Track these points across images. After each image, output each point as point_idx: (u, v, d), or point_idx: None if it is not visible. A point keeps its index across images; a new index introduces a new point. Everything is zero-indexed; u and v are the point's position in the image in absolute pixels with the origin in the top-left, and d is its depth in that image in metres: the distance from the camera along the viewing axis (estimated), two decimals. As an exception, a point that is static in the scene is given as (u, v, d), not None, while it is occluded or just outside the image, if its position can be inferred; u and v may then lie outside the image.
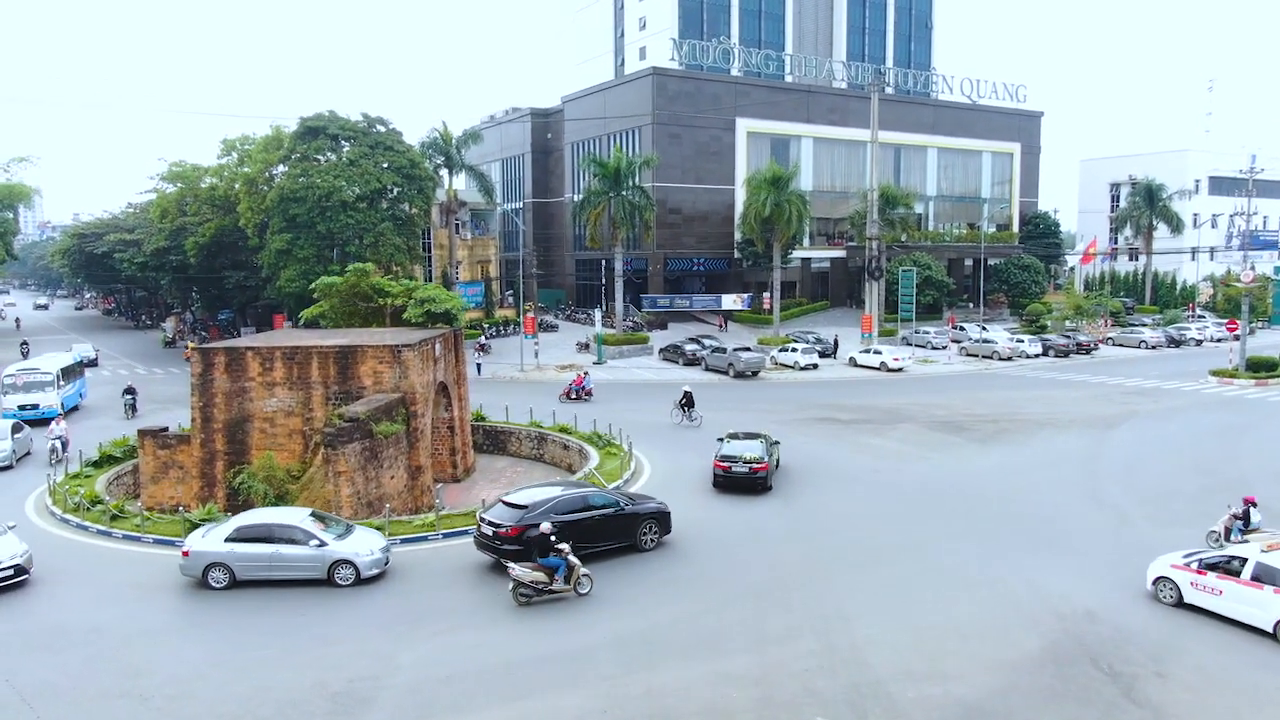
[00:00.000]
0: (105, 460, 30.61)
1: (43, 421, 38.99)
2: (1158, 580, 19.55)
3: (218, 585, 20.03)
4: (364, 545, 20.80)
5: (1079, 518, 25.18)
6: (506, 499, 22.05)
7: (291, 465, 26.76)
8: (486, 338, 70.65)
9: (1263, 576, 17.80)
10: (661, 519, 23.08)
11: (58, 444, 32.45)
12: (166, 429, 28.98)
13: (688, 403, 38.52)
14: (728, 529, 24.32)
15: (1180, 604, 18.95)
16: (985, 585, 20.23)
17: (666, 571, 21.22)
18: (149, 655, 16.98)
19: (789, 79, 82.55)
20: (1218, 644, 17.27)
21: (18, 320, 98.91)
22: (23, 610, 19.18)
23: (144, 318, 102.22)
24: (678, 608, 19.19)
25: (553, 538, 19.77)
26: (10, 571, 19.83)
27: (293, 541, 20.42)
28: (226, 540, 20.31)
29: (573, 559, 19.57)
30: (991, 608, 18.99)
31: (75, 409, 44.07)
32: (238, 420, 27.26)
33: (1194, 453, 32.91)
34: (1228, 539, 22.28)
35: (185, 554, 20.31)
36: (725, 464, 28.49)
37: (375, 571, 20.65)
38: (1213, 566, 18.74)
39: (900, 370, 56.69)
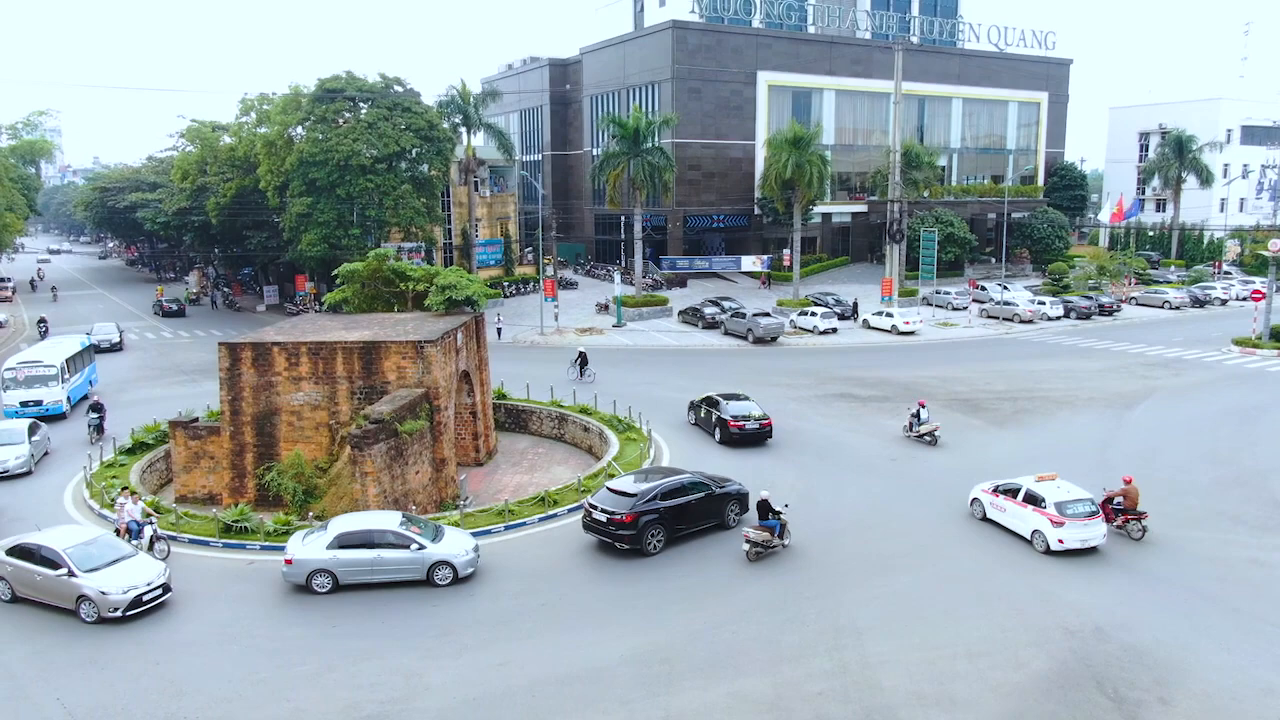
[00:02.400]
0: (138, 447, 31.36)
1: (48, 418, 36.50)
2: (973, 501, 25.55)
3: (321, 590, 21.06)
4: (458, 546, 21.91)
5: (1092, 517, 25.46)
6: (612, 487, 23.99)
7: (319, 458, 27.45)
8: (506, 296, 71.13)
9: (1030, 499, 23.54)
10: (741, 499, 25.34)
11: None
12: (197, 420, 29.65)
13: (583, 362, 44.54)
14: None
15: (984, 519, 24.98)
16: (996, 597, 20.67)
17: (681, 580, 21.76)
18: (190, 671, 17.77)
19: (811, 30, 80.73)
20: (1223, 667, 17.64)
21: (54, 289, 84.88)
22: (64, 618, 20.00)
23: (167, 271, 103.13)
24: (695, 620, 19.76)
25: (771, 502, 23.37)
26: (159, 591, 20.35)
27: (393, 546, 21.39)
28: (328, 548, 21.19)
29: (784, 517, 23.20)
30: (1001, 622, 19.44)
31: (85, 398, 40.83)
32: (265, 413, 27.87)
33: (1211, 439, 32.97)
34: (910, 430, 32.68)
35: (288, 562, 21.24)
36: (739, 422, 32.31)
37: (470, 570, 21.74)
38: (1003, 491, 24.51)
39: (912, 334, 56.69)
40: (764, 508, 23.07)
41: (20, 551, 20.67)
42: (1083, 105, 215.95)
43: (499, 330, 57.01)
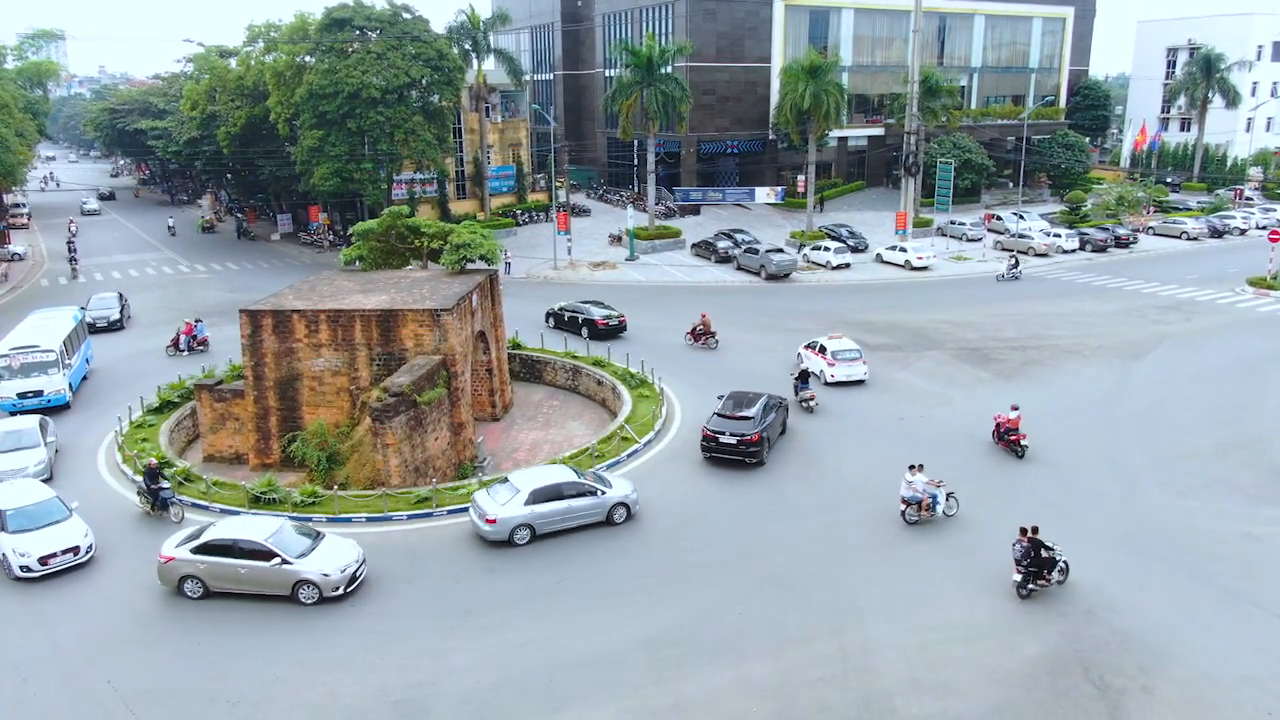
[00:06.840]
0: (165, 405, 32.23)
1: (50, 411, 32.26)
2: (798, 355, 35.92)
3: (522, 542, 23.10)
4: (626, 488, 24.76)
5: (1092, 486, 26.09)
6: (725, 413, 28.25)
7: (341, 423, 28.32)
8: (519, 224, 71.05)
9: (820, 350, 35.04)
10: (788, 408, 30.86)
11: None
12: (221, 382, 30.44)
13: None
14: (749, 499, 25.65)
15: (801, 365, 34.63)
16: (995, 574, 21.45)
17: (692, 555, 22.68)
18: (227, 651, 18.88)
19: (831, -57, 78.14)
20: (1207, 652, 18.46)
21: (74, 261, 61.23)
22: (110, 592, 21.17)
23: (180, 193, 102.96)
24: (704, 598, 20.69)
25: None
26: (363, 566, 21.37)
27: (579, 495, 23.73)
28: (526, 504, 23.18)
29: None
30: (999, 602, 20.27)
31: (85, 379, 37.12)
32: (287, 379, 28.63)
33: (1217, 395, 33.32)
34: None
35: (491, 521, 22.97)
36: (605, 321, 41.51)
37: (637, 509, 24.49)
38: (809, 346, 35.77)
39: (926, 269, 56.58)
40: (805, 375, 32.82)
41: (213, 549, 20.74)
42: (1110, 19, 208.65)
43: (508, 265, 56.83)
